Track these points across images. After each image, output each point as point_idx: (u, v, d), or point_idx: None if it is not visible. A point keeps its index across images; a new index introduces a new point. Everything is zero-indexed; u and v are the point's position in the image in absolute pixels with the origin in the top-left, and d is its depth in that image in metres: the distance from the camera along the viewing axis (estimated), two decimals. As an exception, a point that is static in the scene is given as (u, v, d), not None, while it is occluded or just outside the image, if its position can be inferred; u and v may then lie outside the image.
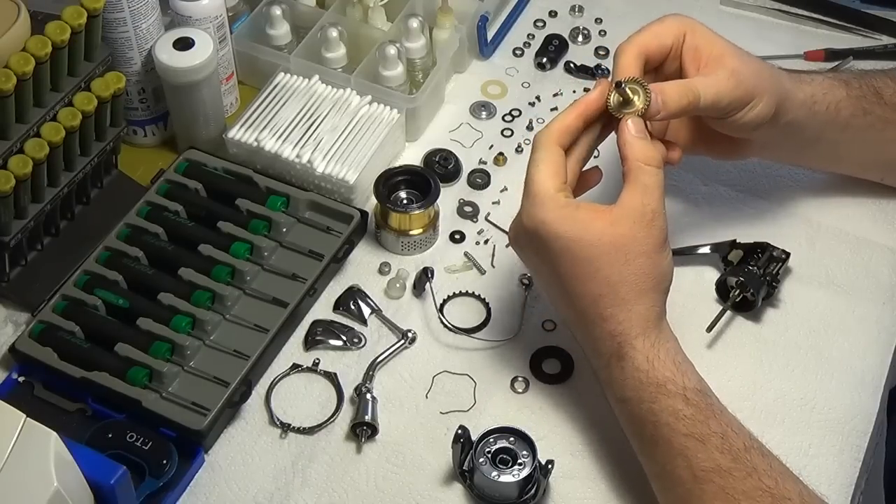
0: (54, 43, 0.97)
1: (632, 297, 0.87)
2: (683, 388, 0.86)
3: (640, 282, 0.87)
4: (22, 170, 0.95)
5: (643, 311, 0.88)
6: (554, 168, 0.88)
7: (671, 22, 0.95)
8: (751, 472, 0.82)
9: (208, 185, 1.09)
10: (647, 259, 0.87)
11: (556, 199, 0.87)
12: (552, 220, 0.87)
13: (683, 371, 0.87)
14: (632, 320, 0.87)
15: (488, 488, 0.90)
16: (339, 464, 0.94)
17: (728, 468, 0.83)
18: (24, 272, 1.05)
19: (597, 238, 0.86)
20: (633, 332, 0.87)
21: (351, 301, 1.04)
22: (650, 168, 0.88)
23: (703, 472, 0.83)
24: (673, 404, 0.85)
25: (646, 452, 0.88)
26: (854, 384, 0.99)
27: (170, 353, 0.97)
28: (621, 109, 0.89)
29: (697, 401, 0.86)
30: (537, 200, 0.88)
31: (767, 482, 0.82)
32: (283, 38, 1.20)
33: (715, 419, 0.85)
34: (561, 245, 0.87)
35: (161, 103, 1.15)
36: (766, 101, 0.94)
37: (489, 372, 1.00)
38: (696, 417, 0.85)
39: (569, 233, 0.86)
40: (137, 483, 0.88)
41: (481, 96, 1.23)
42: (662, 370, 0.87)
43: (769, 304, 1.03)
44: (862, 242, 1.08)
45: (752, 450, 0.84)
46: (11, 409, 0.77)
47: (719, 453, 0.83)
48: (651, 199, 0.87)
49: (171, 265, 1.02)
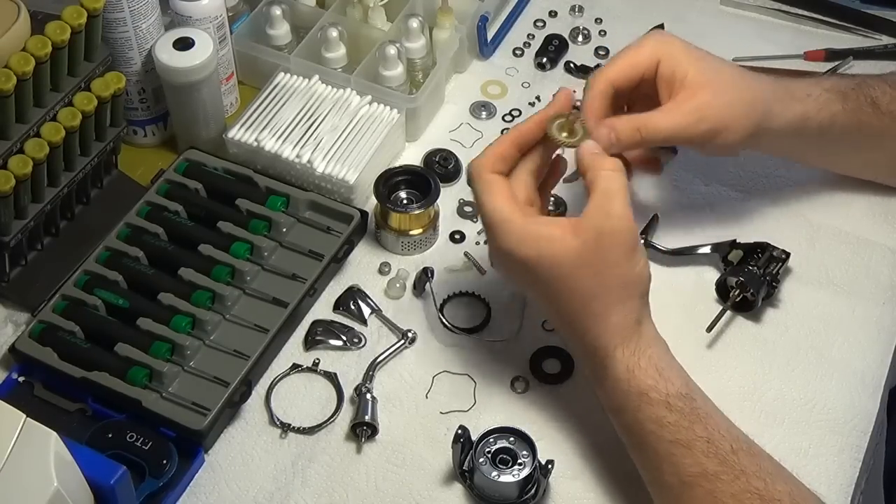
0: (54, 43, 0.97)
1: (606, 310, 0.87)
2: (666, 394, 0.85)
3: (613, 293, 0.87)
4: (22, 170, 0.95)
5: (619, 321, 0.87)
6: (501, 193, 0.88)
7: (647, 49, 0.95)
8: (739, 475, 0.82)
9: (208, 185, 1.09)
10: (616, 269, 0.86)
11: (513, 223, 0.87)
12: (514, 246, 0.87)
13: (667, 377, 0.86)
14: (609, 332, 0.87)
15: (488, 488, 0.90)
16: (339, 464, 0.94)
17: (715, 472, 0.82)
18: (24, 272, 1.05)
19: (562, 254, 0.86)
20: (611, 343, 0.87)
21: (351, 301, 1.04)
22: (607, 172, 0.87)
23: (691, 476, 0.83)
24: (656, 412, 0.85)
25: (636, 459, 0.89)
26: (854, 384, 0.99)
27: (170, 353, 0.97)
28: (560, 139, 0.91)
29: (682, 406, 0.85)
30: (495, 230, 0.88)
31: (756, 484, 0.81)
32: (283, 38, 1.20)
33: (700, 423, 0.84)
34: (529, 267, 0.87)
35: (161, 103, 1.15)
36: (736, 132, 0.95)
37: (489, 372, 1.00)
38: (681, 423, 0.84)
39: (533, 255, 0.86)
40: (137, 483, 0.88)
41: (481, 96, 1.23)
42: (644, 378, 0.86)
43: (769, 304, 1.03)
44: (862, 242, 1.08)
45: (741, 451, 0.83)
46: (11, 409, 0.77)
47: (706, 457, 0.83)
48: (613, 203, 0.86)
49: (171, 265, 1.02)
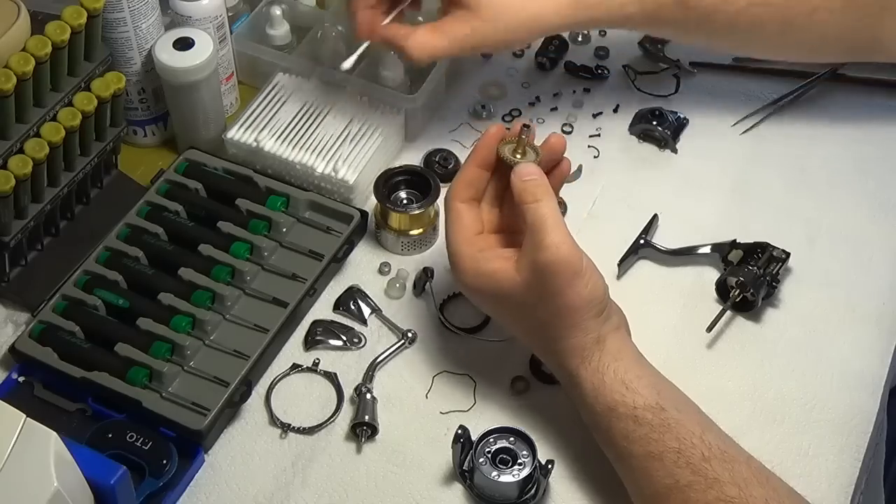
0: (54, 43, 0.97)
1: (560, 335, 0.88)
2: (633, 407, 0.85)
3: (564, 320, 0.88)
4: (22, 170, 0.95)
5: (576, 343, 0.88)
6: (462, 227, 0.92)
7: None
8: (712, 484, 0.81)
9: (208, 185, 1.09)
10: (560, 298, 0.87)
11: (470, 260, 0.91)
12: (470, 281, 0.92)
13: (634, 389, 0.86)
14: (568, 354, 0.88)
15: (488, 488, 0.90)
16: (339, 464, 0.94)
17: (688, 482, 0.82)
18: (24, 272, 1.05)
19: (509, 289, 0.89)
20: (573, 363, 0.88)
21: (351, 301, 1.04)
22: (533, 206, 0.88)
23: (665, 488, 0.83)
24: (624, 427, 0.85)
25: (618, 471, 0.89)
26: (854, 384, 0.99)
27: (170, 353, 0.97)
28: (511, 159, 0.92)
29: (650, 418, 0.85)
30: (452, 264, 0.93)
31: (730, 492, 0.81)
32: (283, 38, 1.20)
33: (671, 433, 0.84)
34: (486, 299, 0.92)
35: (161, 103, 1.15)
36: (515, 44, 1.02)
37: (489, 372, 1.00)
38: (650, 436, 0.84)
39: (485, 289, 0.91)
40: (137, 483, 0.88)
41: (481, 96, 1.23)
42: (610, 394, 0.86)
43: (769, 304, 1.03)
44: (862, 242, 1.08)
45: (713, 459, 0.82)
46: (11, 409, 0.77)
47: (677, 468, 0.83)
48: (544, 235, 0.86)
49: (171, 265, 1.02)
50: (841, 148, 1.16)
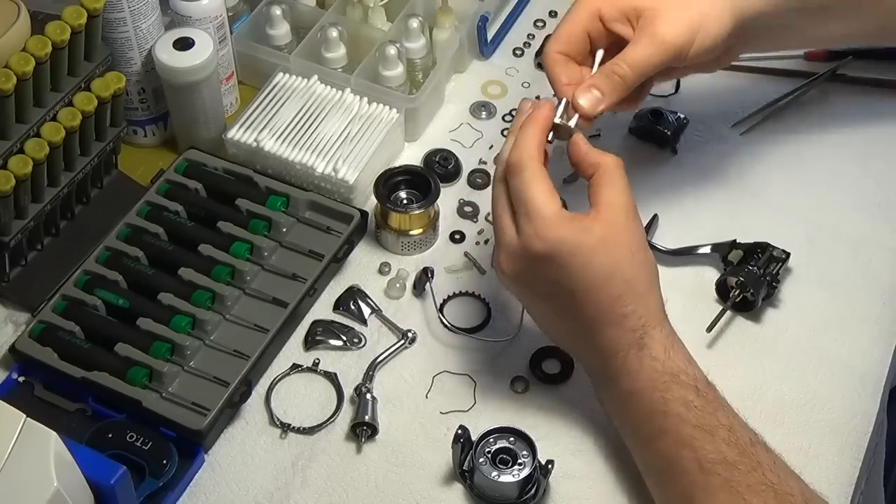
0: (54, 43, 0.97)
1: (646, 290, 0.89)
2: (695, 378, 0.87)
3: (647, 273, 0.90)
4: (22, 170, 0.95)
5: (655, 301, 0.90)
6: (548, 186, 0.88)
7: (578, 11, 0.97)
8: (755, 467, 0.83)
9: (208, 186, 1.09)
10: (645, 251, 0.90)
11: (563, 215, 0.88)
12: (568, 237, 0.87)
13: (694, 364, 0.89)
14: (650, 312, 0.89)
15: (488, 488, 0.90)
16: (339, 464, 0.94)
17: (734, 461, 0.83)
18: (24, 272, 1.05)
19: (603, 241, 0.87)
20: (651, 322, 0.89)
21: (351, 301, 1.04)
22: (620, 169, 0.90)
23: (710, 463, 0.83)
24: (685, 394, 0.86)
25: (649, 446, 0.88)
26: (854, 384, 0.99)
27: (170, 353, 0.97)
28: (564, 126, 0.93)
29: (707, 392, 0.87)
30: (547, 222, 0.87)
31: (771, 477, 0.82)
32: (283, 38, 1.20)
33: (723, 411, 0.86)
34: (580, 258, 0.87)
35: (161, 103, 1.15)
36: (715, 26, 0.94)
37: (489, 372, 1.00)
38: (706, 409, 0.86)
39: (585, 243, 0.87)
40: (137, 483, 0.88)
41: (481, 96, 1.23)
42: (677, 360, 0.88)
43: (769, 304, 1.03)
44: (862, 242, 1.08)
45: (758, 444, 0.85)
46: (11, 409, 0.77)
47: (726, 445, 0.84)
48: (628, 195, 0.90)
49: (171, 265, 1.02)
50: (841, 148, 1.16)
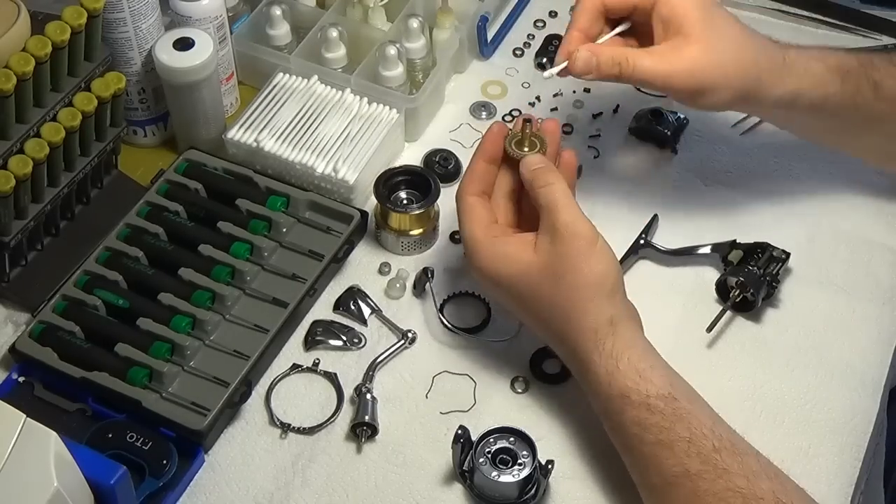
0: (54, 43, 0.97)
1: (575, 315, 0.89)
2: (646, 395, 0.86)
3: (579, 292, 0.89)
4: (22, 170, 0.95)
5: (590, 324, 0.89)
6: (475, 216, 0.94)
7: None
8: (721, 474, 0.82)
9: (208, 186, 1.09)
10: (573, 275, 0.89)
11: (484, 244, 0.92)
12: (485, 265, 0.92)
13: (647, 378, 0.87)
14: (582, 335, 0.89)
15: (488, 488, 0.90)
16: (339, 464, 0.94)
17: (697, 471, 0.82)
18: (24, 272, 1.05)
19: (526, 268, 0.90)
20: (587, 347, 0.89)
21: (351, 301, 1.04)
22: (543, 189, 0.91)
23: (674, 476, 0.83)
24: (637, 414, 0.86)
25: (625, 461, 0.89)
26: (854, 384, 0.99)
27: (170, 353, 0.97)
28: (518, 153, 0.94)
29: (663, 407, 0.85)
30: (469, 251, 0.93)
31: (739, 483, 0.81)
32: (283, 38, 1.20)
33: (682, 423, 0.85)
34: (501, 283, 0.92)
35: (161, 103, 1.15)
36: (720, 95, 0.95)
37: (489, 372, 1.00)
38: (662, 424, 0.85)
39: (502, 271, 0.92)
40: (137, 483, 0.88)
41: (481, 96, 1.23)
42: (623, 381, 0.87)
43: (769, 304, 1.03)
44: (862, 242, 1.08)
45: (723, 450, 0.83)
46: (11, 409, 0.77)
47: (687, 457, 0.83)
48: (557, 215, 0.89)
49: (171, 265, 1.02)
50: (841, 148, 1.16)
